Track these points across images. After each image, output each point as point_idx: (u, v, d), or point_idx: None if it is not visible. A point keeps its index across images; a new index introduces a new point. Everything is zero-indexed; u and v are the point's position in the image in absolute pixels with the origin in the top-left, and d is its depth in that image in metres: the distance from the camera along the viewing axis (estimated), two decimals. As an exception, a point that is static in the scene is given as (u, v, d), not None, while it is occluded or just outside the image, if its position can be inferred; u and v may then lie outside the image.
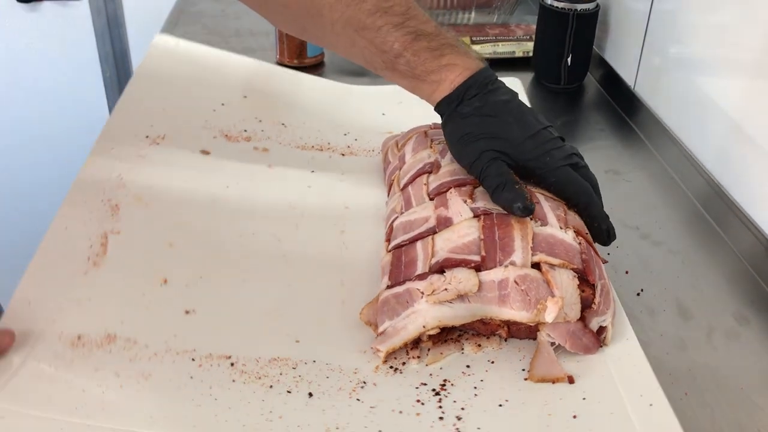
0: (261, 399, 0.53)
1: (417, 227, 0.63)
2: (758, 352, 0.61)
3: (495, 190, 0.60)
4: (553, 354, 0.56)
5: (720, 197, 0.77)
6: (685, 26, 0.86)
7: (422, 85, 0.67)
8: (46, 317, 0.58)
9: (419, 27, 0.66)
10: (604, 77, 1.07)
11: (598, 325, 0.58)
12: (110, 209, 0.68)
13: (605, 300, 0.58)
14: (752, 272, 0.70)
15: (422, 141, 0.75)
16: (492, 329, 0.59)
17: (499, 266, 0.57)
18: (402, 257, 0.61)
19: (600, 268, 0.60)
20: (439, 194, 0.65)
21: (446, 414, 0.52)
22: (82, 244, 0.64)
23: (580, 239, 0.60)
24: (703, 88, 0.82)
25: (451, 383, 0.55)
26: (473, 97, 0.64)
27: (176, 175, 0.75)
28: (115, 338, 0.57)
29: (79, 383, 0.53)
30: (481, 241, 0.58)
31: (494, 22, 1.25)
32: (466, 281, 0.56)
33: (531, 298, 0.55)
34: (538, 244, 0.58)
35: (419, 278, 0.58)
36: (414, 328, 0.56)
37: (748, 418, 0.55)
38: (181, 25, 1.23)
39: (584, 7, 1.00)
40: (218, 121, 0.84)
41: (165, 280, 0.63)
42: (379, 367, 0.56)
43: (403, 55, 0.65)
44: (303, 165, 0.81)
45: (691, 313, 0.65)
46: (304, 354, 0.57)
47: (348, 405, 0.53)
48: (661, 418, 0.51)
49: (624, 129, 0.96)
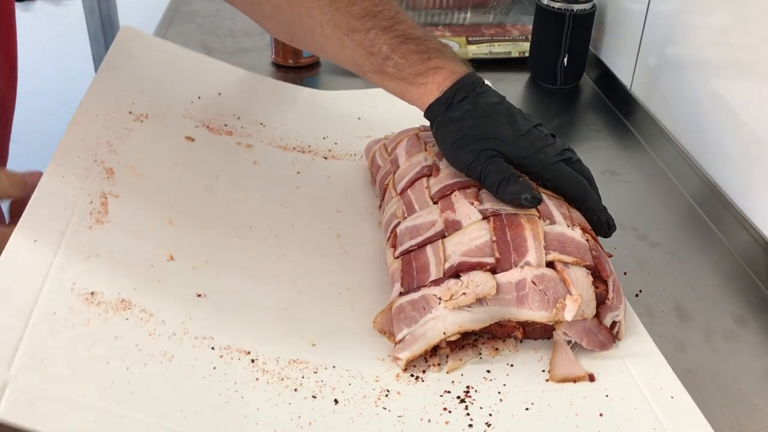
0: (287, 402, 0.52)
1: (424, 231, 0.62)
2: (757, 353, 0.61)
3: (499, 186, 0.60)
4: (571, 353, 0.57)
5: (717, 197, 0.77)
6: (682, 27, 0.86)
7: (410, 88, 0.67)
8: (53, 263, 0.54)
9: (407, 31, 0.66)
10: (601, 78, 1.07)
11: (612, 320, 0.58)
12: (105, 171, 0.65)
13: (617, 295, 0.58)
14: (749, 272, 0.70)
15: (415, 144, 0.74)
16: (508, 331, 0.58)
17: (514, 267, 0.57)
18: (413, 263, 0.60)
19: (608, 263, 0.60)
20: (443, 197, 0.64)
21: (475, 421, 0.52)
22: (83, 199, 0.60)
23: (587, 236, 0.60)
24: (700, 88, 0.82)
25: (474, 389, 0.55)
26: (462, 101, 0.64)
27: (166, 154, 0.73)
28: (130, 304, 0.55)
29: (102, 352, 0.50)
30: (494, 242, 0.58)
31: (490, 22, 1.25)
32: (483, 284, 0.56)
33: (549, 298, 0.56)
34: (550, 243, 0.58)
35: (434, 284, 0.57)
36: (434, 335, 0.55)
37: (747, 419, 0.55)
38: (175, 25, 1.23)
39: (580, 8, 1.00)
40: (198, 113, 0.81)
41: (171, 256, 0.61)
42: (400, 375, 0.56)
43: (391, 58, 0.66)
44: (287, 165, 0.80)
45: (690, 314, 0.65)
46: (322, 359, 0.56)
47: (375, 413, 0.52)
48: (683, 410, 0.52)
49: (620, 129, 0.96)
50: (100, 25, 1.85)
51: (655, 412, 0.52)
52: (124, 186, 0.65)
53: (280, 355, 0.56)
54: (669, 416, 0.52)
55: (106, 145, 0.68)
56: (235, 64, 1.10)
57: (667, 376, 0.55)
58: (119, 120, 0.73)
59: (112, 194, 0.63)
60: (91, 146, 0.67)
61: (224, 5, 1.30)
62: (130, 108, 0.75)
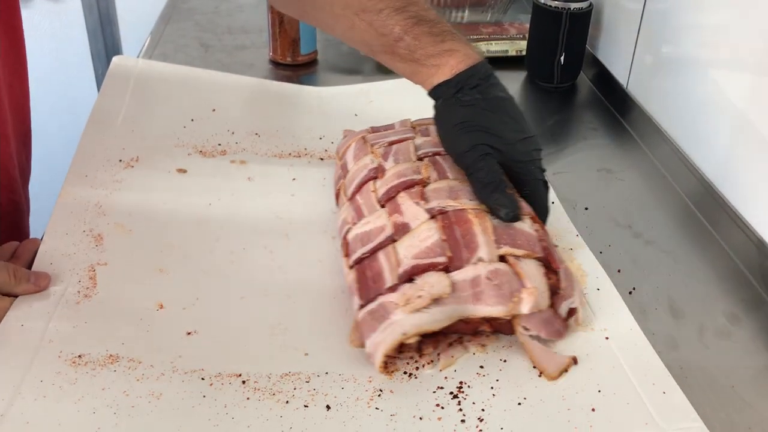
0: (279, 415, 0.52)
1: (374, 237, 0.61)
2: (749, 351, 0.61)
3: (485, 188, 0.60)
4: (542, 345, 0.57)
5: (712, 196, 0.77)
6: (678, 26, 0.87)
7: (421, 69, 0.66)
8: (41, 337, 0.57)
9: (420, 13, 0.66)
10: (597, 76, 1.07)
11: (568, 308, 0.59)
12: (93, 240, 0.67)
13: (569, 283, 0.59)
14: (744, 271, 0.70)
15: (362, 147, 0.74)
16: (474, 327, 0.58)
17: (467, 264, 0.57)
18: (366, 272, 0.60)
19: (558, 253, 0.61)
20: (389, 200, 0.64)
21: (467, 416, 0.52)
22: (71, 279, 0.63)
23: (537, 226, 0.60)
24: (696, 87, 0.82)
25: (467, 385, 0.55)
26: (474, 87, 0.64)
27: (156, 197, 0.74)
28: (117, 358, 0.56)
29: (88, 404, 0.52)
30: (444, 241, 0.58)
31: (487, 21, 1.25)
32: (438, 284, 0.56)
33: (505, 292, 0.56)
34: (500, 237, 0.58)
35: (390, 290, 0.57)
36: (393, 337, 0.55)
37: (739, 416, 0.55)
38: (173, 22, 1.23)
39: (577, 6, 1.00)
40: (191, 137, 0.82)
41: (161, 305, 0.62)
42: (394, 374, 0.56)
43: (403, 39, 0.65)
44: (283, 174, 0.80)
45: (683, 311, 0.65)
46: (315, 367, 0.57)
47: (368, 415, 0.53)
48: (675, 405, 0.53)
49: (616, 128, 0.96)
50: (99, 23, 1.85)
51: (647, 407, 0.53)
52: (112, 250, 0.67)
53: (272, 371, 0.56)
54: (661, 411, 0.52)
55: (94, 208, 0.71)
56: (232, 62, 1.11)
57: (659, 372, 0.56)
58: (109, 173, 0.75)
59: (101, 263, 0.65)
60: (80, 215, 0.70)
61: (222, 2, 1.30)
62: (120, 156, 0.77)
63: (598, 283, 0.65)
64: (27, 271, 0.61)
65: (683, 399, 0.53)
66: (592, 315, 0.61)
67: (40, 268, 0.63)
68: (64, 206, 0.70)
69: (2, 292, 0.59)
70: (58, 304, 0.60)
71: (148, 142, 0.79)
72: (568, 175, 0.74)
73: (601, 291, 0.64)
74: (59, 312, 0.59)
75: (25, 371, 0.54)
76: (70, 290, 0.61)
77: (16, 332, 0.57)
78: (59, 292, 0.61)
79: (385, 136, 0.75)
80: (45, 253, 0.65)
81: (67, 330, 0.58)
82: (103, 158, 0.76)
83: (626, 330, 0.60)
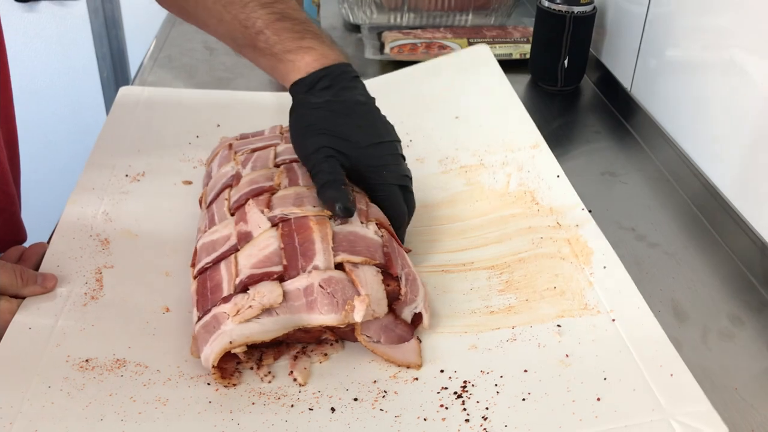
0: (284, 420, 0.52)
1: (220, 247, 0.60)
2: (752, 353, 0.61)
3: (322, 187, 0.60)
4: (383, 347, 0.57)
5: (715, 199, 0.77)
6: (681, 29, 0.87)
7: (279, 64, 0.67)
8: (49, 341, 0.57)
9: (287, 11, 0.67)
10: (601, 79, 1.07)
11: (412, 313, 0.58)
12: (100, 243, 0.68)
13: (412, 288, 0.58)
14: (746, 273, 0.70)
15: (227, 156, 0.73)
16: (316, 336, 0.58)
17: (302, 273, 0.56)
18: (207, 283, 0.58)
19: (403, 257, 0.60)
20: (238, 207, 0.63)
21: (471, 416, 0.52)
22: (78, 281, 0.63)
23: (382, 231, 0.60)
24: (699, 90, 0.83)
25: (471, 384, 0.55)
26: (325, 89, 0.64)
27: (162, 205, 0.74)
28: (125, 362, 0.56)
29: (96, 411, 0.52)
30: (282, 249, 0.57)
31: (491, 24, 1.25)
32: (270, 294, 0.55)
33: (338, 300, 0.55)
34: (339, 244, 0.57)
35: (224, 301, 0.55)
36: (219, 347, 0.54)
37: (742, 418, 0.55)
38: (178, 25, 1.23)
39: (581, 10, 1.00)
40: (196, 152, 0.83)
41: (167, 308, 0.62)
42: (397, 375, 0.56)
43: (263, 32, 0.66)
44: None
45: (686, 314, 0.65)
46: (320, 369, 0.57)
47: (372, 416, 0.53)
48: (683, 388, 0.52)
49: (620, 131, 0.96)
50: (104, 26, 1.86)
51: (654, 392, 0.52)
52: (119, 254, 0.67)
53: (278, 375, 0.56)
54: (668, 395, 0.52)
55: (102, 216, 0.71)
56: (235, 64, 1.11)
57: (666, 352, 0.55)
58: (116, 186, 0.76)
59: (107, 266, 0.65)
60: (87, 222, 0.70)
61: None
62: (127, 171, 0.78)
63: (604, 260, 0.65)
64: (34, 273, 0.62)
65: (691, 380, 0.53)
66: (598, 297, 0.61)
67: (46, 270, 0.64)
68: (71, 213, 0.71)
69: (9, 293, 0.59)
70: (65, 306, 0.60)
71: (154, 158, 0.81)
72: (571, 179, 0.74)
73: (608, 269, 0.64)
74: (66, 313, 0.60)
75: (33, 376, 0.54)
76: (76, 292, 0.62)
77: (24, 336, 0.57)
78: (66, 293, 0.62)
79: (251, 143, 0.75)
80: (52, 255, 0.65)
81: (74, 332, 0.58)
82: (110, 173, 0.78)
83: (633, 309, 0.59)
